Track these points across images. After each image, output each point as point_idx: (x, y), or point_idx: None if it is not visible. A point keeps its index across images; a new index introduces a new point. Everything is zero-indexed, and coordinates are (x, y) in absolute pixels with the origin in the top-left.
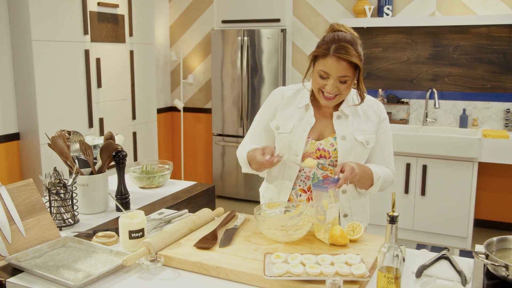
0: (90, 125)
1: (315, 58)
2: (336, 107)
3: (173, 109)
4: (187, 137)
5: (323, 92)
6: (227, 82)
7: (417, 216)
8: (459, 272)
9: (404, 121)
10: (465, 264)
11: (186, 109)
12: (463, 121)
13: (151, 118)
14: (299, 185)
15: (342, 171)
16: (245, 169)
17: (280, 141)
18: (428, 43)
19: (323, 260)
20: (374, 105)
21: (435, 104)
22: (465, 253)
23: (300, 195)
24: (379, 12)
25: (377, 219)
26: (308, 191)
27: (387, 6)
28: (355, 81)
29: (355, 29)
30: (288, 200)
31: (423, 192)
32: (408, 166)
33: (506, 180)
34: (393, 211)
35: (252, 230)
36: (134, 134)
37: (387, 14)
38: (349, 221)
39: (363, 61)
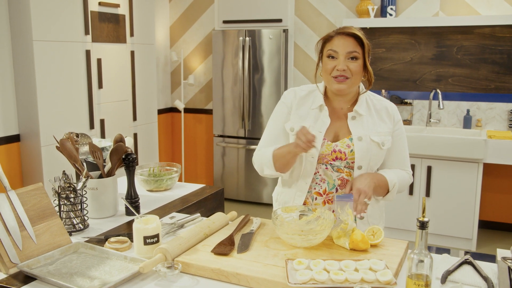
0: (91, 126)
1: (323, 45)
2: (351, 107)
3: (173, 110)
4: (188, 138)
5: (334, 77)
6: (228, 83)
7: None
8: (485, 278)
9: (408, 122)
10: (489, 269)
11: (187, 110)
12: (467, 122)
13: (152, 119)
14: (315, 188)
15: (351, 189)
16: (268, 171)
17: None
18: (431, 44)
19: (347, 266)
20: (388, 106)
21: (439, 105)
22: (471, 255)
23: (316, 198)
24: (382, 13)
25: (390, 222)
26: (324, 194)
27: (390, 7)
28: (363, 65)
29: None
30: (304, 204)
31: (427, 193)
32: (412, 167)
33: (511, 181)
34: (423, 217)
35: (269, 235)
36: (135, 135)
37: (391, 15)
38: (365, 223)
39: (370, 50)
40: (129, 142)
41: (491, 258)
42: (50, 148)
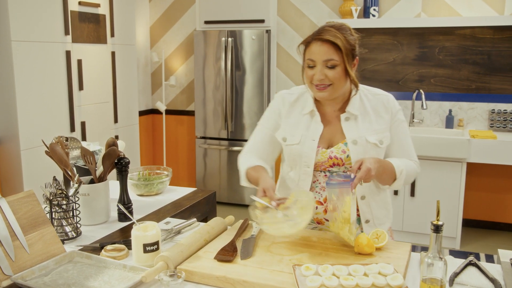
0: (72, 129)
1: (304, 50)
2: (343, 108)
3: (154, 111)
4: (169, 140)
5: (315, 86)
6: (210, 84)
7: (406, 217)
8: (492, 280)
9: None
10: (494, 270)
11: (168, 112)
12: (449, 122)
13: (133, 121)
14: (315, 197)
15: (359, 168)
16: (243, 183)
17: (289, 153)
18: (414, 44)
19: (355, 271)
20: (384, 99)
21: (422, 105)
22: (455, 253)
23: (317, 208)
24: (365, 13)
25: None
26: (325, 202)
27: (373, 7)
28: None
29: None
30: None
31: (412, 193)
32: None
33: (494, 180)
34: (437, 220)
35: (271, 240)
36: (116, 138)
37: (373, 15)
38: (371, 226)
39: (353, 48)
40: (121, 146)
41: (475, 257)
42: (30, 152)
